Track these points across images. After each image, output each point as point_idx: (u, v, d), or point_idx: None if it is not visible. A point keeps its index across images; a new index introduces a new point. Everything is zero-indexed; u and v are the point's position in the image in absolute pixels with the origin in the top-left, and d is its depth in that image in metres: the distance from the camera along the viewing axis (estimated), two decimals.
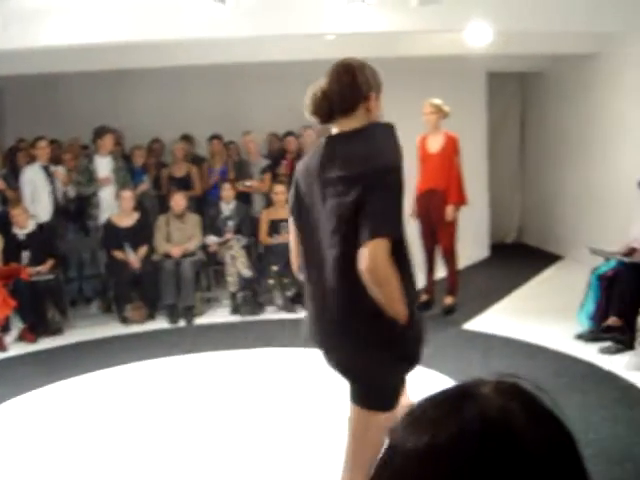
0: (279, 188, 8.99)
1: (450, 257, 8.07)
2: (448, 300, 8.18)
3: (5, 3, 6.14)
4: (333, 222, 3.10)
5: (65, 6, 6.80)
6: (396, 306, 3.04)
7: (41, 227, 8.58)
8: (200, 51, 9.14)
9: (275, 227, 8.89)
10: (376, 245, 2.95)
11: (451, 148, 7.92)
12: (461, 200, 7.98)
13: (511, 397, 0.93)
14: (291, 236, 3.47)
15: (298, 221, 3.36)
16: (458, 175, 7.96)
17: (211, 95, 10.87)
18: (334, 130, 3.29)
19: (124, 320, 8.50)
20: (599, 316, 6.86)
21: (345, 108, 3.24)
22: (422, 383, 5.78)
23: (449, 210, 7.83)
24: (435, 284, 8.32)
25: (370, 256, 2.93)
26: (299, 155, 9.72)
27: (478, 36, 8.35)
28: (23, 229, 8.40)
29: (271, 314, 8.60)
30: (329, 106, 3.25)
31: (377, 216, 3.00)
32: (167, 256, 8.69)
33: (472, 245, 10.20)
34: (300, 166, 3.45)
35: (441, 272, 8.32)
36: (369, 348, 3.18)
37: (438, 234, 8.02)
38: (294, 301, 8.63)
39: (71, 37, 7.45)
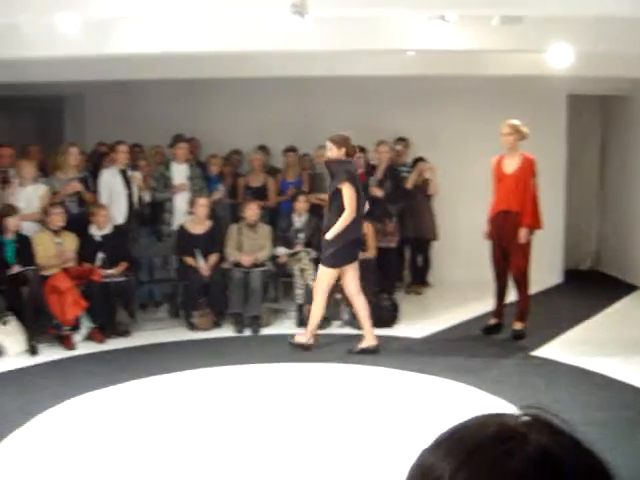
0: None
1: (522, 281, 7.91)
2: (517, 325, 8.03)
3: (87, 11, 6.28)
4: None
5: (147, 15, 6.92)
6: None
7: (116, 230, 8.75)
8: (279, 63, 9.20)
9: None
10: None
11: (527, 170, 7.79)
12: (536, 223, 7.83)
13: (542, 431, 0.93)
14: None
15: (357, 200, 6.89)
16: (534, 197, 7.82)
17: (288, 107, 10.94)
18: None
19: (191, 326, 8.58)
20: None
21: None
22: (483, 408, 5.70)
23: (522, 233, 7.69)
24: (505, 308, 8.18)
25: None
26: (370, 170, 9.70)
27: (559, 57, 8.21)
28: (101, 230, 8.57)
29: (336, 329, 8.56)
30: None
31: None
32: (237, 265, 8.74)
33: (545, 270, 10.01)
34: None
35: (512, 296, 8.17)
36: None
37: (510, 257, 7.87)
38: None
39: (151, 45, 7.58)
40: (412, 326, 8.59)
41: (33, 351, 7.63)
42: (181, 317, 8.87)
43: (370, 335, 7.59)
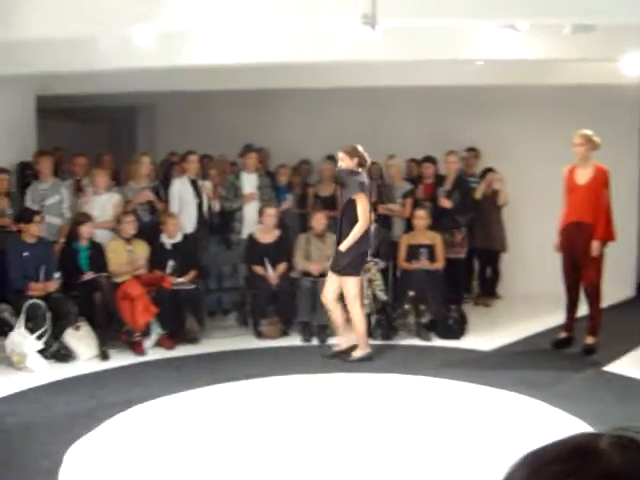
0: (421, 213, 8.95)
1: (594, 294, 7.75)
2: (589, 340, 7.86)
3: (161, 23, 6.40)
4: None
5: (217, 27, 7.02)
6: None
7: (186, 238, 8.88)
8: (349, 73, 9.24)
9: (414, 252, 8.83)
10: None
11: (600, 181, 7.64)
12: (608, 235, 7.68)
13: (624, 450, 0.91)
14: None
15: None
16: (606, 209, 7.66)
17: (356, 117, 10.97)
18: None
19: (259, 334, 8.65)
20: None
21: None
22: (553, 424, 5.61)
23: (595, 245, 7.54)
24: (576, 322, 8.03)
25: None
26: (439, 180, 9.64)
27: (632, 66, 8.05)
28: (171, 238, 8.71)
29: (404, 340, 8.53)
30: None
31: None
32: (305, 274, 8.78)
33: (617, 283, 9.78)
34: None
35: (583, 310, 8.02)
36: None
37: (582, 269, 7.73)
38: (428, 328, 8.54)
39: (223, 57, 7.70)
40: (480, 338, 8.50)
41: (104, 356, 7.78)
42: (249, 325, 8.94)
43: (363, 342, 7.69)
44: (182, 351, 8.05)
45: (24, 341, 7.39)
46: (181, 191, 9.12)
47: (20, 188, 9.36)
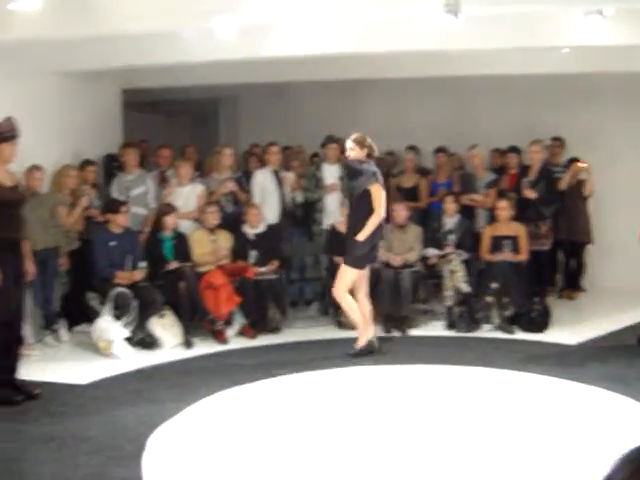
0: (503, 204, 8.81)
1: None
2: None
3: (244, 15, 6.45)
4: None
5: (298, 17, 7.04)
6: None
7: (269, 229, 8.95)
8: (431, 63, 9.15)
9: (497, 244, 8.71)
10: None
11: None
12: None
13: None
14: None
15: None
16: None
17: (438, 107, 10.88)
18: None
19: (340, 324, 8.66)
20: None
21: None
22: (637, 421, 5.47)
23: None
24: None
25: None
26: (523, 171, 9.47)
27: None
28: (254, 229, 8.80)
29: (486, 332, 8.42)
30: None
31: None
32: (387, 265, 8.75)
33: None
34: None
35: None
36: None
37: None
38: (512, 321, 8.42)
39: (305, 47, 7.71)
40: (564, 332, 8.33)
41: (188, 344, 7.92)
42: (330, 315, 8.97)
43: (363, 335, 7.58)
44: (264, 340, 8.13)
45: (111, 328, 7.57)
46: (263, 182, 9.19)
47: (106, 179, 9.59)
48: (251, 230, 8.84)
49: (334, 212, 9.30)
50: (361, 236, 7.32)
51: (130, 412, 5.86)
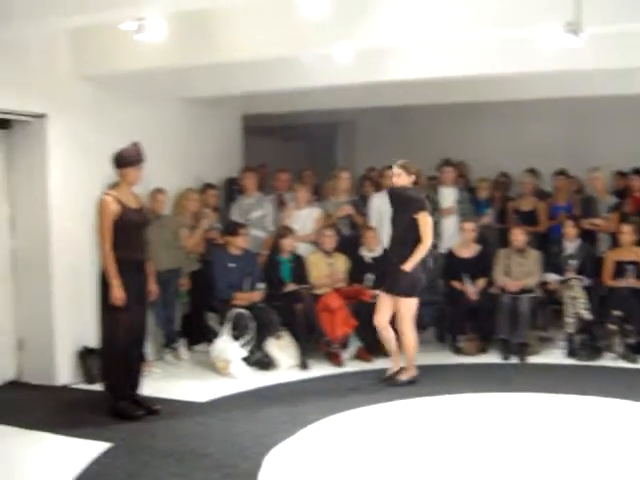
0: (626, 228, 8.54)
1: None
2: None
3: (358, 40, 6.50)
4: None
5: (415, 41, 7.03)
6: None
7: (385, 252, 8.92)
8: (551, 84, 8.96)
9: (620, 269, 8.44)
10: None
11: None
12: None
13: None
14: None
15: None
16: None
17: (557, 129, 10.65)
18: None
19: (457, 350, 8.56)
20: None
21: None
22: None
23: None
24: None
25: None
26: None
27: None
28: (371, 252, 8.81)
29: (608, 361, 8.13)
30: None
31: None
32: (505, 290, 8.59)
33: None
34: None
35: None
36: None
37: None
38: (635, 350, 8.11)
39: (421, 71, 7.68)
40: None
41: (304, 366, 7.97)
42: (447, 341, 8.87)
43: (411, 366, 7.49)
44: (380, 364, 8.09)
45: (229, 348, 7.72)
46: (380, 206, 9.19)
47: (227, 203, 9.80)
48: (368, 253, 8.85)
49: (451, 236, 9.22)
50: (408, 266, 7.20)
51: (246, 431, 5.94)
